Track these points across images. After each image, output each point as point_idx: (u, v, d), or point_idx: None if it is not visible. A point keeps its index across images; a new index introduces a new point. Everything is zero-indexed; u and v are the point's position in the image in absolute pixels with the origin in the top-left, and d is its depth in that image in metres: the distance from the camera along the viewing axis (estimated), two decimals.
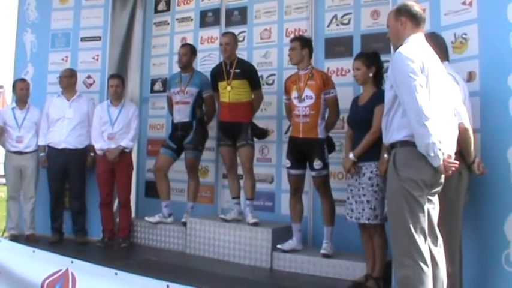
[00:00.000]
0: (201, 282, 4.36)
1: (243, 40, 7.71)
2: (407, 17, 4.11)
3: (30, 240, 7.22)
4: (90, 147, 7.60)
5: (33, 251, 5.22)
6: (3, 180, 8.41)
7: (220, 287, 5.22)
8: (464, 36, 4.80)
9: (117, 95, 7.48)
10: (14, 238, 7.28)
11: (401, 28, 4.12)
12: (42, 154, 7.61)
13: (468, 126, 4.26)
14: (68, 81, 7.75)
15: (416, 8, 4.16)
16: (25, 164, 7.56)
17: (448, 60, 4.63)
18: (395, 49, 4.09)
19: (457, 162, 3.90)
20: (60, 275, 4.77)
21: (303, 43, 6.25)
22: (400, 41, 4.11)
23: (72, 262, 4.77)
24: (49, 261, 4.99)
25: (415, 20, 4.12)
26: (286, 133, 6.99)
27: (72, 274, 4.70)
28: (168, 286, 4.00)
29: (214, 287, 5.11)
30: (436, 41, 4.46)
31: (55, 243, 7.29)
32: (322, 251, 5.99)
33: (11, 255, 5.40)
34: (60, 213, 7.63)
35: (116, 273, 4.36)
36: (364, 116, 5.39)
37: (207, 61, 8.04)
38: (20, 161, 7.55)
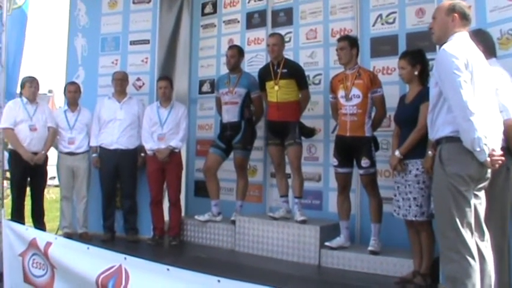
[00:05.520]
0: (250, 278, 4.42)
1: (289, 41, 7.77)
2: (460, 15, 4.16)
3: (83, 239, 7.37)
4: (140, 148, 7.75)
5: (88, 248, 5.33)
6: (55, 182, 8.59)
7: (270, 284, 5.27)
8: (510, 32, 4.80)
9: (166, 97, 7.62)
10: (68, 236, 7.39)
11: (450, 23, 4.16)
12: (94, 155, 7.81)
13: None
14: (124, 83, 7.95)
15: (468, 9, 4.23)
16: (77, 165, 7.74)
17: (495, 56, 4.64)
18: (437, 43, 4.13)
19: (503, 156, 3.93)
20: (114, 270, 4.85)
21: (352, 42, 6.30)
22: (445, 35, 4.16)
23: (125, 258, 4.86)
24: (103, 257, 5.09)
25: (465, 19, 4.18)
26: (333, 132, 7.02)
27: (125, 270, 4.78)
28: (219, 281, 4.07)
29: (264, 284, 5.18)
30: (482, 38, 4.50)
31: (107, 241, 7.50)
32: (370, 248, 6.04)
33: (66, 252, 5.51)
34: (112, 212, 7.83)
35: (168, 269, 4.43)
36: (410, 114, 5.42)
37: (254, 62, 8.15)
38: (72, 162, 7.74)
